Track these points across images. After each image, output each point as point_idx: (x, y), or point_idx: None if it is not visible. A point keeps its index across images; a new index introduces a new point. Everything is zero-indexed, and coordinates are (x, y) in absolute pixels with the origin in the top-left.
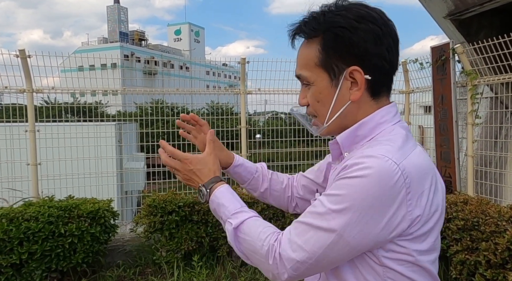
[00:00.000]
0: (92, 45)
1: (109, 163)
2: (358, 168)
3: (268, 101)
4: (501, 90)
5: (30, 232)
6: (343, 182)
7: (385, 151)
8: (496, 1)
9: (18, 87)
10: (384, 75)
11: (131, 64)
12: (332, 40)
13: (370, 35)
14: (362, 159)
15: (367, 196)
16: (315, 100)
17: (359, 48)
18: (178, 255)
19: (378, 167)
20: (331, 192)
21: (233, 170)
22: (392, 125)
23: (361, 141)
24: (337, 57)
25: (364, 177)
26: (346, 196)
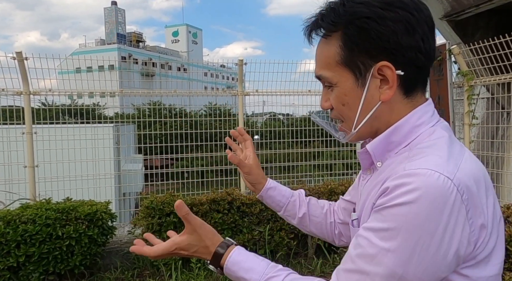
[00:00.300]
0: (89, 47)
1: (107, 165)
2: (403, 192)
3: (266, 102)
4: (497, 91)
5: (27, 235)
6: (389, 212)
7: (433, 164)
8: (492, 2)
9: (15, 90)
10: (420, 69)
11: (128, 66)
12: (355, 34)
13: (400, 24)
14: (406, 178)
15: (422, 225)
16: (340, 103)
17: (388, 41)
18: (176, 257)
19: (428, 187)
20: (377, 226)
21: (266, 193)
22: (431, 127)
23: (396, 148)
24: (363, 53)
25: (413, 202)
26: (397, 229)
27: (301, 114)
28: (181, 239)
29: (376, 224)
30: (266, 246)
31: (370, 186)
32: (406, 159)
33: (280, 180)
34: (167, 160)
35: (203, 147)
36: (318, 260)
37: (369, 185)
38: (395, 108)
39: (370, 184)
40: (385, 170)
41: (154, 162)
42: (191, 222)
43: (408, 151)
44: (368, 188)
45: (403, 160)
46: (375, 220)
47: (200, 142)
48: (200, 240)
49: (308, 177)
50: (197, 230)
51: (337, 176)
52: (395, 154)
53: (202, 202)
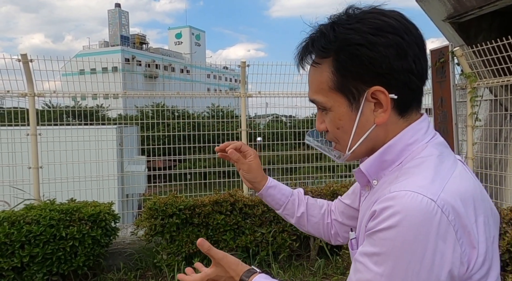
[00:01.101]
0: (93, 49)
1: (110, 166)
2: (387, 216)
3: (268, 104)
4: (500, 93)
5: (31, 235)
6: (378, 236)
7: (416, 185)
8: (495, 4)
9: (20, 91)
10: (413, 90)
11: (132, 68)
12: (347, 61)
13: (392, 49)
14: (389, 201)
15: (410, 249)
16: (335, 127)
17: (381, 66)
18: (178, 258)
19: (409, 210)
20: (370, 250)
21: (267, 192)
22: (424, 143)
23: (390, 166)
24: (355, 78)
25: (396, 226)
26: (387, 254)
27: (304, 116)
28: (211, 271)
29: (369, 248)
30: (268, 247)
31: (367, 204)
32: (395, 179)
33: (282, 182)
34: (170, 162)
35: (206, 148)
36: (320, 262)
37: (365, 203)
38: (390, 129)
39: (367, 202)
40: (379, 189)
41: (157, 164)
42: (214, 256)
43: (398, 171)
44: (365, 206)
45: (392, 180)
46: (368, 244)
47: (203, 143)
48: (225, 271)
49: (310, 178)
50: (220, 263)
51: (339, 177)
52: (390, 172)
53: (204, 203)
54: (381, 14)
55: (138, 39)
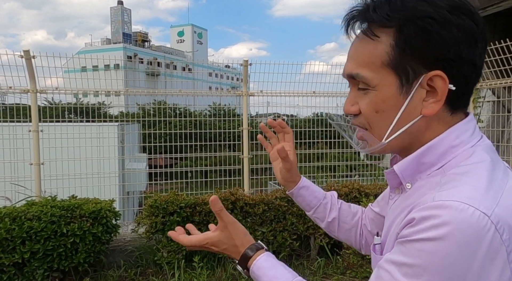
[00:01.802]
0: (95, 46)
1: (111, 163)
2: (430, 226)
3: (270, 103)
4: (503, 94)
5: (32, 231)
6: (414, 247)
7: (467, 195)
8: (498, 5)
9: (22, 88)
10: (471, 86)
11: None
12: (412, 34)
13: (465, 34)
14: (434, 210)
15: (452, 266)
16: (374, 110)
17: (449, 50)
18: (179, 256)
19: (459, 224)
20: (401, 260)
21: (298, 192)
22: (470, 147)
23: (428, 170)
24: (416, 57)
25: (441, 239)
26: (423, 267)
27: (305, 115)
28: (213, 235)
29: (400, 258)
30: (269, 246)
31: (398, 209)
32: (437, 186)
33: None
34: (171, 159)
35: (207, 146)
36: (321, 261)
37: (396, 207)
38: (434, 126)
39: (398, 206)
40: (414, 193)
41: (158, 161)
42: (223, 219)
43: (441, 175)
44: (395, 210)
45: (434, 186)
46: (399, 253)
47: (204, 141)
48: (230, 238)
49: (311, 178)
50: (228, 227)
51: (340, 177)
52: (427, 176)
53: (205, 202)
54: None
55: (140, 36)
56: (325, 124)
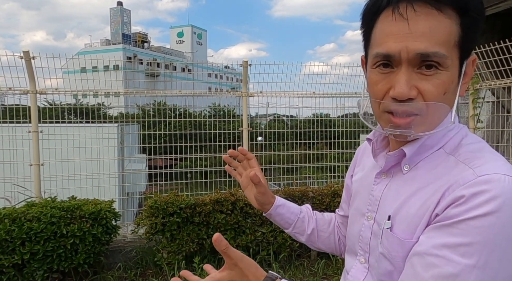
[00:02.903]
0: (94, 47)
1: (111, 164)
2: (484, 201)
3: (270, 104)
4: (502, 95)
5: (32, 232)
6: (471, 225)
7: (504, 169)
8: (497, 5)
9: (22, 89)
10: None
11: (133, 66)
12: (474, 17)
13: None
14: (484, 185)
15: (509, 234)
16: (442, 92)
17: (475, 37)
18: (179, 257)
19: (509, 194)
20: (455, 241)
21: (275, 211)
22: (460, 129)
23: (426, 152)
24: (472, 40)
25: (497, 211)
26: (482, 243)
27: (305, 116)
28: (221, 275)
29: (453, 239)
30: (269, 247)
31: (398, 192)
32: (458, 164)
33: (283, 182)
34: (171, 160)
35: (206, 147)
36: (321, 262)
37: (394, 191)
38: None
39: (397, 190)
40: (421, 175)
41: (157, 162)
42: (231, 256)
43: (447, 155)
44: (394, 194)
45: (453, 166)
46: (450, 235)
47: (204, 142)
48: (242, 275)
49: (311, 178)
50: (238, 264)
51: (340, 178)
52: (426, 158)
53: (205, 202)
54: None
55: (140, 37)
56: (325, 125)
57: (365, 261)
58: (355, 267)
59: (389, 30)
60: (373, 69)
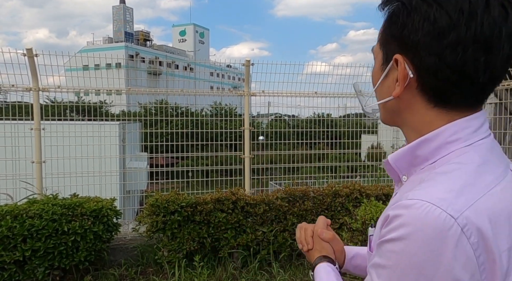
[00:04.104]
0: (97, 45)
1: (112, 162)
2: (397, 226)
3: (271, 103)
4: (505, 96)
5: (33, 229)
6: (385, 248)
7: (437, 196)
8: None
9: (25, 86)
10: (444, 80)
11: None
12: (389, 17)
13: (427, 23)
14: (402, 209)
15: (418, 266)
16: (371, 78)
17: (408, 37)
18: (179, 255)
19: (421, 225)
20: (376, 261)
21: (350, 264)
22: (466, 146)
23: (422, 164)
24: (391, 38)
25: (404, 239)
26: (392, 269)
27: (307, 116)
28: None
29: (377, 259)
30: (269, 246)
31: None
32: (418, 183)
33: (284, 181)
34: (172, 159)
35: (208, 146)
36: None
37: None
38: (417, 113)
39: (396, 197)
40: (403, 189)
41: (159, 160)
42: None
43: (429, 171)
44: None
45: (418, 183)
46: (377, 255)
47: (205, 141)
48: (322, 246)
49: (312, 178)
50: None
51: (341, 178)
52: (421, 170)
53: (206, 201)
54: None
55: (142, 36)
56: (327, 125)
57: None
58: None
59: None
60: None
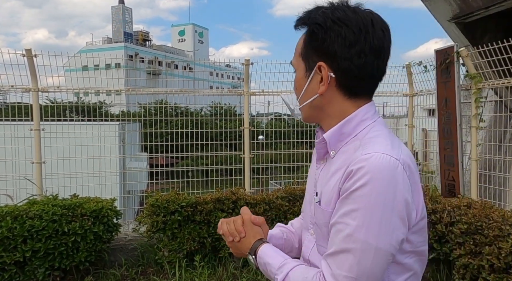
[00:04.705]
0: (96, 45)
1: (112, 162)
2: (362, 175)
3: (271, 102)
4: (505, 94)
5: (34, 230)
6: (356, 195)
7: (383, 148)
8: (501, 4)
9: (24, 86)
10: (354, 78)
11: (135, 64)
12: (309, 35)
13: (340, 38)
14: (363, 162)
15: (383, 200)
16: (295, 87)
17: (328, 48)
18: (180, 255)
19: (380, 167)
20: (349, 208)
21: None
22: (372, 122)
23: (346, 139)
24: (312, 51)
25: (371, 182)
26: (365, 208)
27: None
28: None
29: (348, 207)
30: None
31: (327, 173)
32: (359, 147)
33: (284, 181)
34: (172, 159)
35: (208, 146)
36: None
37: (325, 173)
38: (335, 104)
39: (327, 171)
40: (340, 158)
41: (158, 160)
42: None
43: (359, 140)
44: (325, 175)
45: (357, 148)
46: (346, 205)
47: (205, 141)
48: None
49: None
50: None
51: None
52: (345, 144)
53: (206, 201)
54: (352, 9)
55: (141, 36)
56: None
57: (314, 232)
58: (307, 238)
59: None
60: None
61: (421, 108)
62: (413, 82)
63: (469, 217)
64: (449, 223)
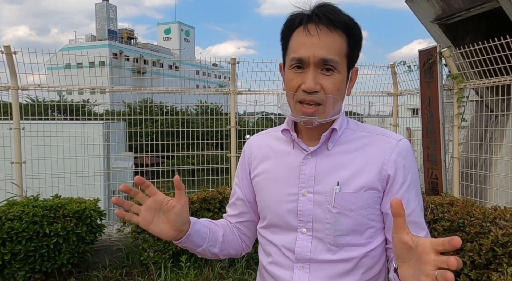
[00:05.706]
0: (79, 43)
1: (96, 162)
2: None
3: (258, 101)
4: (486, 94)
5: (13, 232)
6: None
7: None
8: (481, 6)
9: (3, 84)
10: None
11: (119, 63)
12: (356, 39)
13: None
14: (405, 141)
15: (416, 169)
16: (336, 89)
17: (358, 55)
18: (165, 256)
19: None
20: (407, 184)
21: (194, 228)
22: (346, 116)
23: (338, 133)
24: (355, 55)
25: (412, 159)
26: (414, 181)
27: None
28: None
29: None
30: (257, 245)
31: (337, 163)
32: (375, 135)
33: None
34: (158, 158)
35: (194, 145)
36: None
37: (328, 164)
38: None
39: (332, 162)
40: (352, 147)
41: (144, 160)
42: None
43: (360, 131)
44: (329, 166)
45: (372, 136)
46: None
47: (191, 140)
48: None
49: None
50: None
51: None
52: (340, 137)
53: (193, 201)
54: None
55: (126, 34)
56: None
57: (308, 229)
58: (299, 238)
59: (302, 41)
60: (289, 70)
61: (405, 107)
62: (398, 82)
63: (451, 215)
64: (432, 220)
